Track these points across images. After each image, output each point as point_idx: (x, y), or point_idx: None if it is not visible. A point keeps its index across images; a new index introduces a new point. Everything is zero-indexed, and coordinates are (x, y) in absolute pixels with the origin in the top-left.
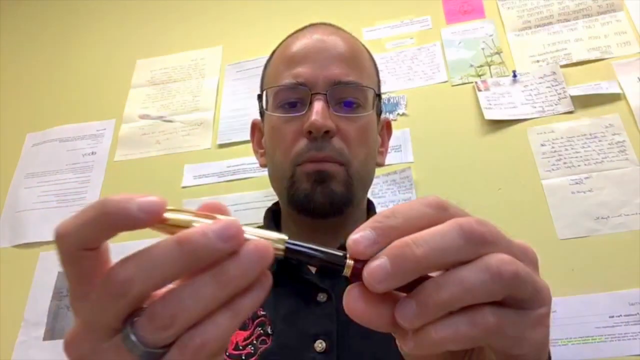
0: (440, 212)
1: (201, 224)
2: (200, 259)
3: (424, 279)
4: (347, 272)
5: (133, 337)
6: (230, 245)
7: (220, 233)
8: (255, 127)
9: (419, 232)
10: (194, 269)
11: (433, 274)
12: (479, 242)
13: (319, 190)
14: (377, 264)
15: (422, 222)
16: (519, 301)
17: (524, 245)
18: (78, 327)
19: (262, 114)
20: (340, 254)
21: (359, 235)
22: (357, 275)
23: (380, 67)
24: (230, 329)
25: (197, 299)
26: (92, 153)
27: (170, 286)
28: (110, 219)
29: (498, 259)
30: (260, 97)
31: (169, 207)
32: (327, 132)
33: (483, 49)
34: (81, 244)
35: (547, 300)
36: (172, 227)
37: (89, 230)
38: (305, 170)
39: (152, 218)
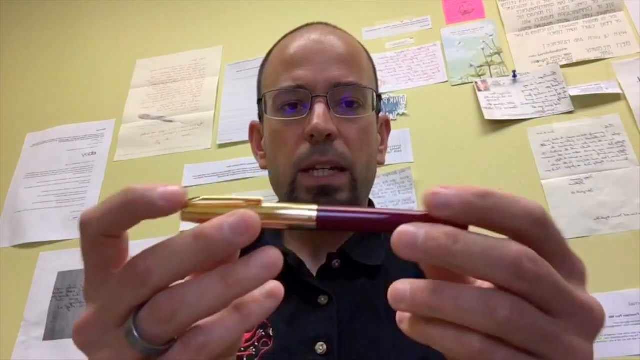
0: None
1: (219, 217)
2: (217, 253)
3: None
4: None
5: (134, 332)
6: (246, 238)
7: (236, 226)
8: (253, 129)
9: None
10: (212, 262)
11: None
12: (530, 279)
13: (323, 202)
14: (411, 230)
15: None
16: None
17: (574, 262)
18: (89, 313)
19: (260, 117)
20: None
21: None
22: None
23: (380, 67)
24: (237, 332)
25: (200, 296)
26: (92, 153)
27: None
28: (133, 207)
29: (511, 304)
30: (260, 100)
31: (204, 196)
32: (329, 135)
33: (483, 49)
34: (104, 230)
35: (595, 328)
36: (201, 218)
37: (112, 217)
38: (305, 184)
39: (172, 206)
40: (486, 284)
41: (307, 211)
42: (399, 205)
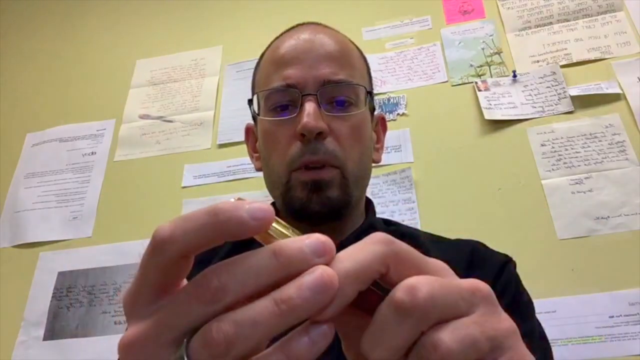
0: (390, 247)
1: (295, 237)
2: (294, 273)
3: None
4: None
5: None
6: (324, 261)
7: (316, 248)
8: (249, 132)
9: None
10: (283, 283)
11: None
12: (417, 317)
13: (315, 199)
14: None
15: (374, 260)
16: None
17: (471, 287)
18: (142, 329)
19: (254, 118)
20: None
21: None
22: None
23: (380, 67)
24: None
25: (256, 327)
26: (92, 153)
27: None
28: (223, 227)
29: (424, 350)
30: (250, 101)
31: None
32: (319, 133)
33: (483, 49)
34: (187, 250)
35: (510, 346)
36: (270, 237)
37: (199, 237)
38: (300, 179)
39: (262, 225)
40: None
41: None
42: (399, 205)
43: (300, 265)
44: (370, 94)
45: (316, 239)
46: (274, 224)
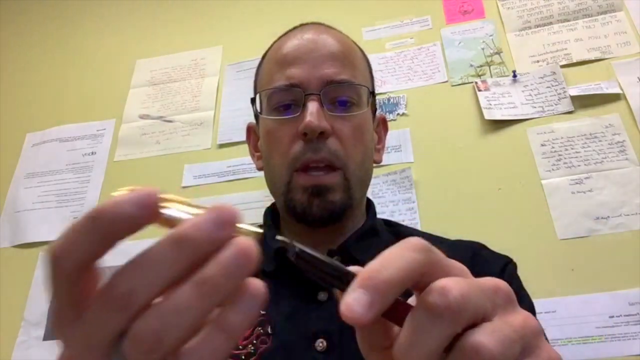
0: (428, 255)
1: (193, 216)
2: (202, 255)
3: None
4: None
5: None
6: (227, 233)
7: (216, 221)
8: (250, 131)
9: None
10: (196, 266)
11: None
12: (449, 318)
13: (316, 204)
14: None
15: (415, 269)
16: None
17: (494, 286)
18: (72, 352)
19: (256, 117)
20: (345, 270)
21: (352, 299)
22: None
23: (380, 67)
24: (225, 352)
25: (181, 315)
26: (92, 153)
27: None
28: (109, 228)
29: (469, 354)
30: (253, 100)
31: (162, 196)
32: (322, 133)
33: (483, 49)
34: (82, 262)
35: (536, 336)
36: (169, 220)
37: (88, 246)
38: (301, 183)
39: (151, 213)
40: None
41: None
42: (399, 205)
43: (206, 245)
44: (372, 94)
45: (214, 212)
46: (165, 204)
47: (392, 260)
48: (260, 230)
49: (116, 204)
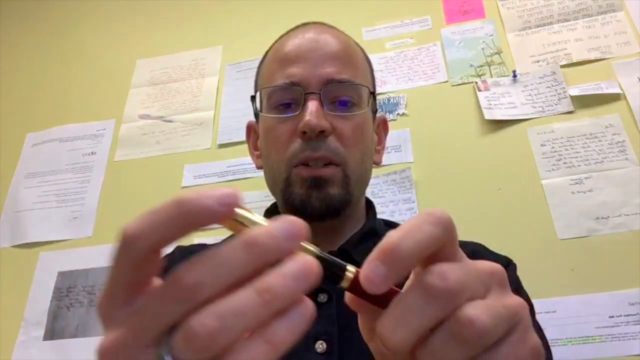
0: (447, 233)
1: (264, 224)
2: (268, 261)
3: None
4: (344, 284)
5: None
6: (296, 245)
7: (287, 232)
8: (250, 129)
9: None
10: (255, 274)
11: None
12: (446, 299)
13: (315, 195)
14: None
15: (432, 245)
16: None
17: (489, 270)
18: (118, 334)
19: (256, 115)
20: (341, 263)
21: (370, 270)
22: (355, 288)
23: (380, 67)
24: None
25: (238, 318)
26: (92, 153)
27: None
28: (190, 217)
29: (463, 323)
30: (253, 98)
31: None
32: (322, 131)
33: (483, 49)
34: (156, 245)
35: (523, 318)
36: (237, 224)
37: (168, 230)
38: (300, 175)
39: (229, 210)
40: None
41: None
42: (399, 205)
43: (274, 254)
44: (373, 94)
45: (287, 224)
46: (238, 210)
47: (411, 234)
48: (317, 250)
49: (200, 195)
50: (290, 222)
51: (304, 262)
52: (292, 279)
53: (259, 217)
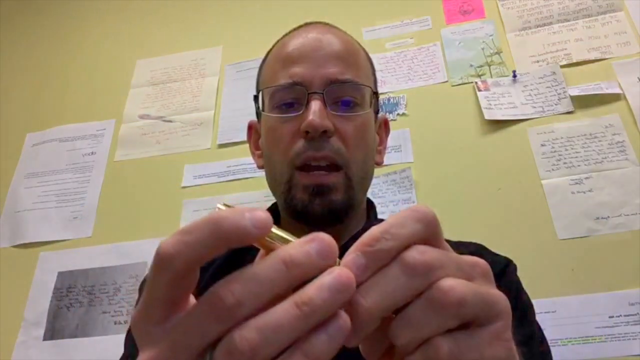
0: (430, 229)
1: (297, 241)
2: (304, 279)
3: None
4: None
5: None
6: (330, 262)
7: (321, 251)
8: (251, 128)
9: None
10: (290, 291)
11: None
12: (423, 273)
13: (318, 202)
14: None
15: (413, 241)
16: (471, 321)
17: (472, 261)
18: (157, 353)
19: (258, 114)
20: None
21: (350, 259)
22: None
23: (380, 67)
24: None
25: (279, 332)
26: (92, 153)
27: None
28: (226, 236)
29: (441, 291)
30: (256, 97)
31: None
32: (325, 132)
33: (483, 49)
34: (194, 262)
35: (504, 314)
36: (269, 242)
37: (203, 248)
38: (302, 182)
39: (264, 232)
40: None
41: None
42: (399, 206)
43: (310, 271)
44: (375, 95)
45: (321, 241)
46: (274, 229)
47: (393, 229)
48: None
49: (236, 215)
50: (322, 240)
51: (339, 275)
52: (329, 291)
53: (290, 235)
